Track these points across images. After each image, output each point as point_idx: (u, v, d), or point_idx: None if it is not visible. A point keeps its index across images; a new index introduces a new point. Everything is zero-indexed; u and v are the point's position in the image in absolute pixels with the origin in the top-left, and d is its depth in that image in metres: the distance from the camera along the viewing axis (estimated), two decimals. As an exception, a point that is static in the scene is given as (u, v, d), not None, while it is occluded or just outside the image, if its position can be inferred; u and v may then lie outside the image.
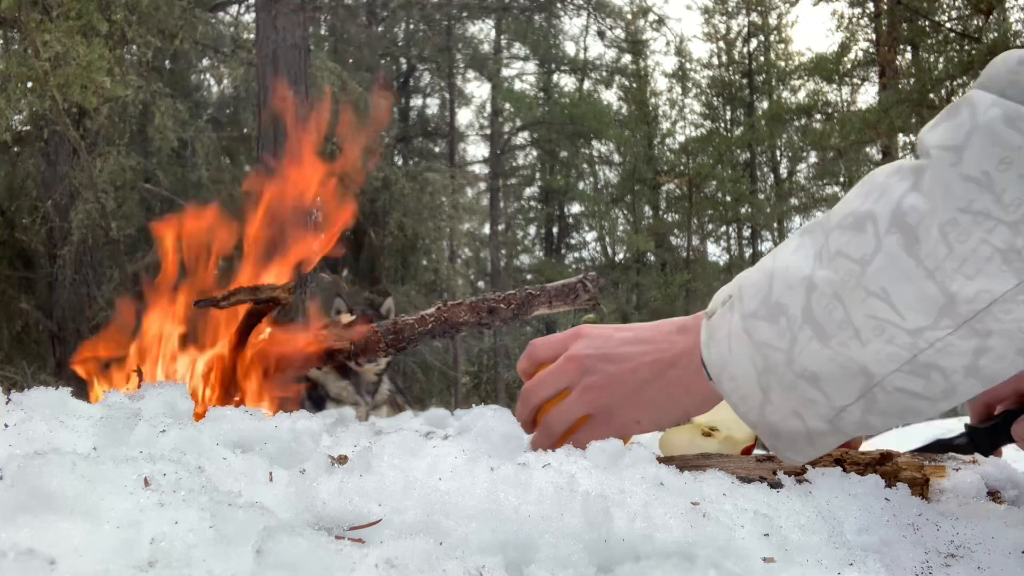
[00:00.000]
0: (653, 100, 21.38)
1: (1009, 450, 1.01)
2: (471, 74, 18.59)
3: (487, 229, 18.48)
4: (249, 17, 10.47)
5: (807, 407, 0.74)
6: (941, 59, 13.95)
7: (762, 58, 21.29)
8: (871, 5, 16.81)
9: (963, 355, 0.67)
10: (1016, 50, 0.66)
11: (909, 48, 15.85)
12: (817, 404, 0.74)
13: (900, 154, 16.43)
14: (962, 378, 0.68)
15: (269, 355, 1.34)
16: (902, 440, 3.74)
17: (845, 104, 20.26)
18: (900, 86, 14.87)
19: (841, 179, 19.77)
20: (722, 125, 21.74)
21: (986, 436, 0.98)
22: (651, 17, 19.60)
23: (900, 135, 14.39)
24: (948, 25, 13.54)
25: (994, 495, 0.84)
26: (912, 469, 0.86)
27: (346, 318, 3.38)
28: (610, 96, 20.94)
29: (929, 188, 0.67)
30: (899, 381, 0.70)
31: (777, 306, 0.74)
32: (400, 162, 15.56)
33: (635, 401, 0.89)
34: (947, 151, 0.66)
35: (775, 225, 20.49)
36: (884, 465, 0.86)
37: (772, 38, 21.35)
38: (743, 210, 20.43)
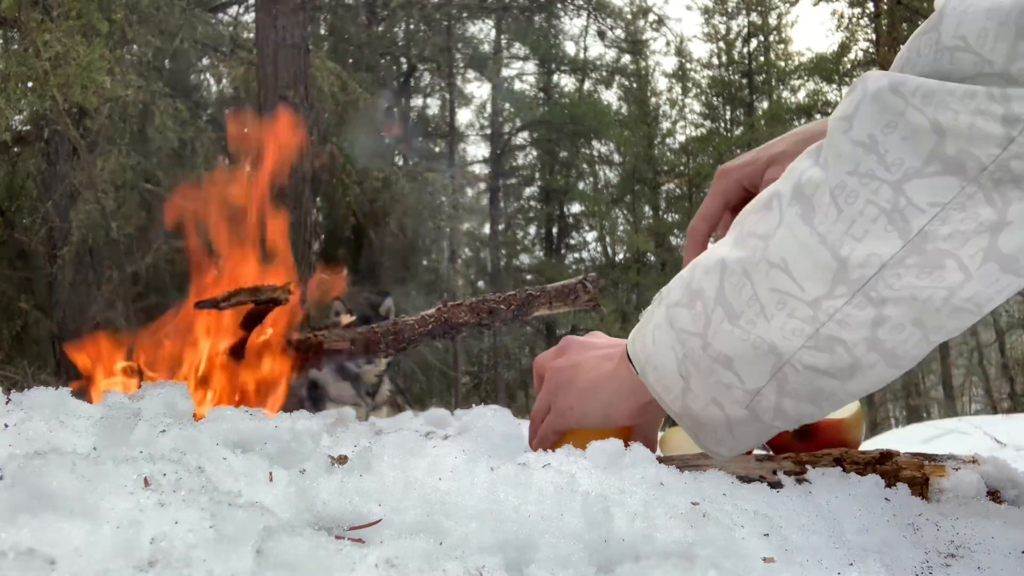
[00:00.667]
0: (653, 100, 21.38)
1: (1009, 450, 1.02)
2: (471, 74, 18.59)
3: (487, 229, 18.49)
4: (249, 17, 10.48)
5: (724, 392, 0.75)
6: (941, 59, 13.92)
7: (762, 58, 21.30)
8: (871, 5, 16.81)
9: (862, 326, 0.68)
10: (916, 30, 0.68)
11: (909, 48, 15.82)
12: (732, 388, 0.75)
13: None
14: (864, 351, 0.69)
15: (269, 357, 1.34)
16: (902, 441, 3.74)
17: (845, 104, 20.23)
18: (900, 86, 14.85)
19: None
20: (722, 125, 21.73)
21: None
22: (651, 17, 19.60)
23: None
24: (948, 25, 13.52)
25: (994, 495, 0.84)
26: (912, 468, 0.86)
27: (346, 319, 3.38)
28: (610, 96, 20.95)
29: (824, 158, 0.69)
30: (806, 358, 0.70)
31: (695, 292, 0.76)
32: (400, 162, 15.57)
33: (574, 389, 0.91)
34: (841, 120, 0.68)
35: (775, 225, 20.45)
36: (884, 464, 0.86)
37: (772, 38, 21.36)
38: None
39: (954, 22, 0.64)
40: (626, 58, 20.81)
